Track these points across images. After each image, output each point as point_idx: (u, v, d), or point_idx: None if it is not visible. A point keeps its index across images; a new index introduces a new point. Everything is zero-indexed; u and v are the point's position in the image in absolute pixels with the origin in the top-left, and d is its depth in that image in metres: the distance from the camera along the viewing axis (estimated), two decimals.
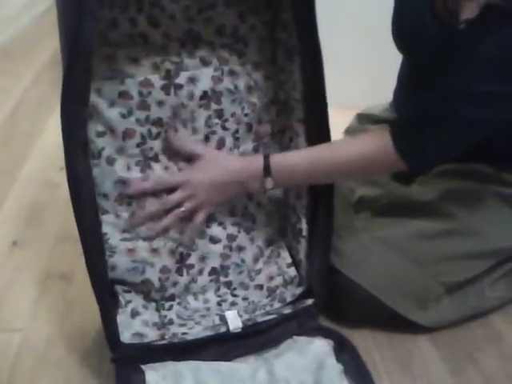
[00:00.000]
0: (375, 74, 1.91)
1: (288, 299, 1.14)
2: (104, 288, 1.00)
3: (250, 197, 1.17)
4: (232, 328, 1.06)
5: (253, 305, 1.14)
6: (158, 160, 1.06)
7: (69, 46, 0.87)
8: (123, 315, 1.05)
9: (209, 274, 1.15)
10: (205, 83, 1.06)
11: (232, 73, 1.08)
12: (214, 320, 1.10)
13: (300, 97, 1.07)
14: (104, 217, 1.04)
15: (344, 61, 1.98)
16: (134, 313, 1.06)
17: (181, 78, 1.03)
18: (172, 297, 1.12)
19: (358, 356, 1.04)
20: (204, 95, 1.06)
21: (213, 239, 1.14)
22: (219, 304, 1.14)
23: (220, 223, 1.15)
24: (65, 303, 1.23)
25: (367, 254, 1.15)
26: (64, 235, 1.43)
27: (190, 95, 1.05)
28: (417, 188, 1.18)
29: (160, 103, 1.03)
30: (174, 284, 1.12)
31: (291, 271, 1.19)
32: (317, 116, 1.07)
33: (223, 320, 1.09)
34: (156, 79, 1.02)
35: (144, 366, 1.00)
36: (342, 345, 1.07)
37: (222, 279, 1.16)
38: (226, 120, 1.10)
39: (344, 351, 1.05)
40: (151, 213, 1.06)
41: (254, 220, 1.18)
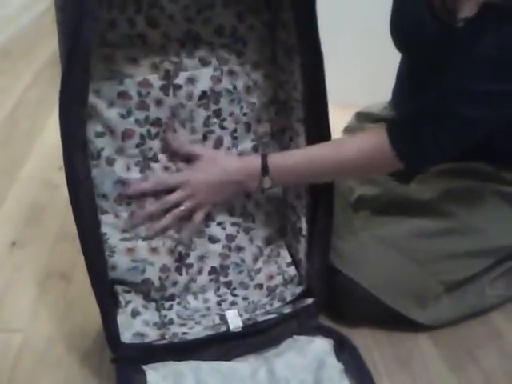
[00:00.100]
0: (374, 73, 1.90)
1: (288, 298, 1.14)
2: (104, 288, 1.01)
3: (249, 196, 1.17)
4: (232, 327, 1.06)
5: (253, 304, 1.14)
6: (158, 160, 1.06)
7: (68, 47, 0.87)
8: (123, 315, 1.05)
9: (208, 274, 1.15)
10: (204, 83, 1.05)
11: (231, 73, 1.08)
12: (214, 319, 1.10)
13: (300, 97, 1.07)
14: (103, 217, 1.04)
15: (343, 60, 1.98)
16: (135, 313, 1.07)
17: (180, 79, 1.03)
18: (172, 296, 1.12)
19: (359, 355, 1.05)
20: (203, 95, 1.06)
21: (212, 239, 1.14)
22: (219, 304, 1.14)
23: (219, 223, 1.15)
24: (65, 303, 1.23)
25: (366, 253, 1.15)
26: (63, 235, 1.43)
27: (189, 95, 1.05)
28: (416, 187, 1.18)
29: (159, 103, 1.03)
30: (174, 284, 1.12)
31: (291, 270, 1.19)
32: (317, 116, 1.07)
33: (223, 319, 1.09)
34: (155, 79, 1.02)
35: (145, 366, 1.00)
36: (342, 344, 1.07)
37: (222, 279, 1.16)
38: (224, 119, 1.10)
39: (344, 350, 1.05)
40: (150, 213, 1.06)
41: (254, 220, 1.18)
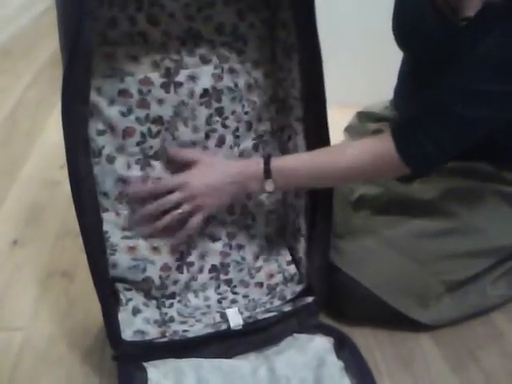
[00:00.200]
0: (375, 72, 1.90)
1: (288, 297, 1.14)
2: (105, 286, 1.01)
3: (249, 195, 1.17)
4: (233, 325, 1.06)
5: (253, 302, 1.14)
6: (158, 158, 1.06)
7: (69, 45, 0.87)
8: (124, 313, 1.05)
9: (209, 272, 1.15)
10: (205, 81, 1.05)
11: (232, 71, 1.08)
12: (215, 317, 1.10)
13: (298, 95, 1.07)
14: (104, 215, 1.04)
15: (344, 59, 1.98)
16: (135, 310, 1.07)
17: (181, 76, 1.03)
18: (173, 294, 1.12)
19: (359, 353, 1.04)
20: (204, 93, 1.06)
21: (212, 237, 1.14)
22: (219, 302, 1.14)
23: (219, 221, 1.15)
24: (66, 301, 1.23)
25: (368, 253, 1.14)
26: (64, 233, 1.43)
27: (191, 93, 1.04)
28: (417, 186, 1.18)
29: (160, 101, 1.03)
30: (175, 282, 1.12)
31: (291, 269, 1.19)
32: (315, 114, 1.06)
33: (224, 317, 1.09)
34: (156, 77, 1.02)
35: (146, 364, 1.00)
36: (343, 342, 1.07)
37: (223, 277, 1.16)
38: (227, 118, 1.09)
39: (344, 348, 1.05)
40: (149, 213, 1.06)
41: (254, 218, 1.18)
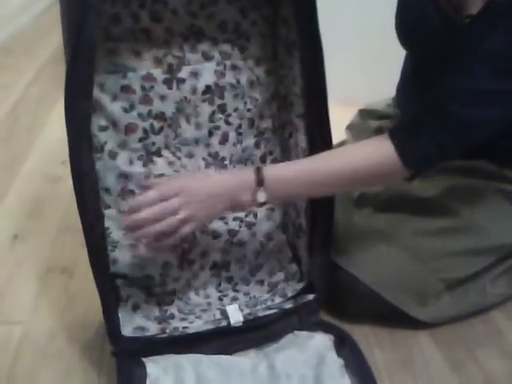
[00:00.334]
0: (377, 70, 1.90)
1: (289, 294, 1.14)
2: (106, 282, 1.00)
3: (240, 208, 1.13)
4: (233, 322, 1.06)
5: (254, 300, 1.14)
6: (161, 155, 1.06)
7: (72, 41, 0.87)
8: (124, 309, 1.05)
9: (210, 269, 1.15)
10: (207, 77, 1.05)
11: (234, 67, 1.08)
12: (215, 314, 1.10)
13: (300, 91, 1.07)
14: (106, 211, 1.04)
15: (346, 56, 1.97)
16: (136, 307, 1.07)
17: (183, 72, 1.03)
18: (173, 292, 1.12)
19: (359, 351, 1.04)
20: (207, 90, 1.06)
21: (214, 234, 1.14)
22: (220, 299, 1.15)
23: (221, 218, 1.14)
24: (66, 296, 1.24)
25: (368, 250, 1.15)
26: (65, 229, 1.43)
27: (193, 89, 1.04)
28: (418, 184, 1.18)
29: (163, 97, 1.03)
30: (175, 279, 1.12)
31: (292, 266, 1.19)
32: (316, 111, 1.06)
33: (224, 314, 1.09)
34: (158, 73, 1.02)
35: (145, 359, 1.00)
36: (343, 340, 1.07)
37: (224, 274, 1.16)
38: (229, 115, 1.09)
39: (345, 346, 1.05)
40: (147, 218, 0.96)
41: (256, 215, 1.18)
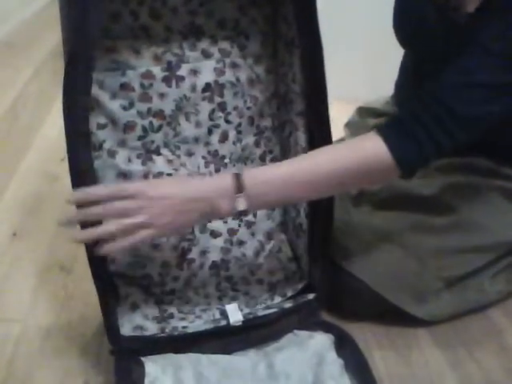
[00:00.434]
0: (376, 68, 1.91)
1: (289, 294, 1.14)
2: (104, 281, 1.00)
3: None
4: (232, 321, 1.06)
5: (253, 299, 1.14)
6: (160, 153, 1.05)
7: (71, 38, 0.87)
8: (123, 308, 1.05)
9: (209, 269, 1.14)
10: (207, 75, 1.05)
11: (234, 65, 1.07)
12: (215, 314, 1.10)
13: (299, 90, 1.06)
14: None
15: (345, 54, 1.98)
16: (135, 306, 1.06)
17: (182, 70, 1.03)
18: (172, 291, 1.12)
19: (359, 351, 1.04)
20: (206, 87, 1.05)
21: (213, 233, 1.13)
22: (220, 298, 1.14)
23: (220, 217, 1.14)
24: (65, 294, 1.24)
25: (367, 248, 1.15)
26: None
27: (193, 87, 1.04)
28: (417, 182, 1.18)
29: (162, 95, 1.02)
30: (175, 279, 1.11)
31: (292, 266, 1.19)
32: (316, 109, 1.04)
33: (224, 314, 1.09)
34: (157, 71, 1.01)
35: (143, 358, 1.00)
36: (343, 339, 1.06)
37: (223, 273, 1.15)
38: (229, 113, 1.09)
39: (345, 346, 1.05)
40: (95, 214, 0.90)
41: (255, 214, 1.17)
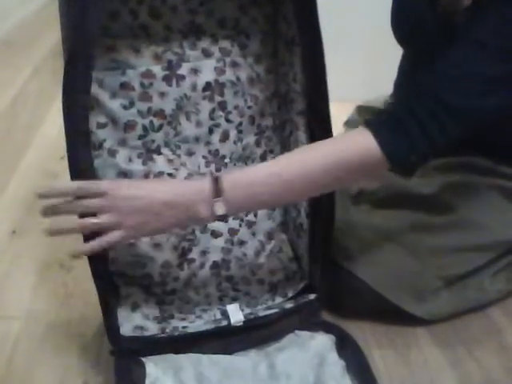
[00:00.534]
0: (375, 67, 1.91)
1: (290, 294, 1.14)
2: (105, 281, 0.99)
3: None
4: (233, 321, 1.06)
5: (254, 299, 1.14)
6: (160, 152, 1.05)
7: (71, 35, 0.87)
8: (123, 308, 1.04)
9: (210, 269, 1.14)
10: (208, 74, 1.04)
11: (234, 64, 1.07)
12: (216, 314, 1.10)
13: (300, 89, 1.06)
14: None
15: (344, 54, 1.98)
16: (135, 306, 1.06)
17: (183, 69, 1.02)
18: (173, 291, 1.11)
19: (360, 352, 1.04)
20: (207, 86, 1.05)
21: (214, 233, 1.13)
22: (220, 299, 1.14)
23: None
24: (64, 291, 1.24)
25: (366, 247, 1.15)
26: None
27: (193, 86, 1.03)
28: (416, 181, 1.17)
29: (162, 94, 1.02)
30: (175, 279, 1.11)
31: (293, 266, 1.19)
32: (317, 108, 1.04)
33: (224, 314, 1.08)
34: (158, 70, 1.01)
35: (144, 359, 0.99)
36: (344, 340, 1.06)
37: (224, 273, 1.15)
38: (230, 112, 1.08)
39: (346, 347, 1.05)
40: (65, 210, 0.90)
41: (256, 214, 1.17)
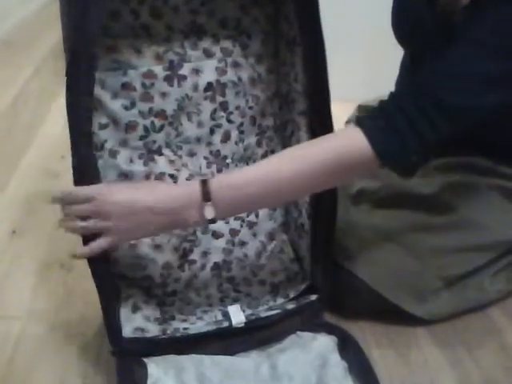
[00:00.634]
0: (377, 66, 1.90)
1: (291, 295, 1.13)
2: (106, 282, 0.99)
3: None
4: (235, 322, 1.05)
5: (256, 300, 1.13)
6: (162, 153, 1.05)
7: (72, 35, 0.87)
8: (124, 310, 1.04)
9: (211, 270, 1.13)
10: (209, 74, 1.04)
11: (235, 64, 1.07)
12: (217, 315, 1.10)
13: (301, 88, 1.06)
14: None
15: (346, 54, 1.98)
16: (136, 307, 1.06)
17: (184, 69, 1.02)
18: (174, 292, 1.11)
19: (362, 353, 1.04)
20: (208, 87, 1.04)
21: (215, 234, 1.13)
22: (222, 300, 1.14)
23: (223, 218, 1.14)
24: (65, 291, 1.23)
25: (366, 247, 1.15)
26: None
27: (195, 86, 1.03)
28: (417, 181, 1.17)
29: (164, 95, 1.01)
30: (176, 280, 1.11)
31: (294, 267, 1.19)
32: (319, 108, 1.04)
33: (226, 316, 1.08)
34: (159, 70, 1.01)
35: (146, 359, 0.99)
36: (346, 341, 1.06)
37: (225, 274, 1.15)
38: (231, 113, 1.08)
39: (348, 348, 1.04)
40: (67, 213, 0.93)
41: (257, 215, 1.17)
